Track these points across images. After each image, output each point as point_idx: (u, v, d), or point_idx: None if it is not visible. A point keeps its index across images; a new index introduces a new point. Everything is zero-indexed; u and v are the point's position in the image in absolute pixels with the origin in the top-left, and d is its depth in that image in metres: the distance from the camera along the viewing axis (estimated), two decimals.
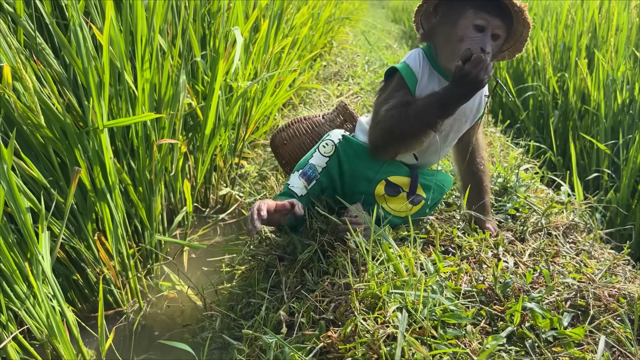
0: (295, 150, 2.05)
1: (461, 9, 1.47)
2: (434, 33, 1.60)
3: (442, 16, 1.56)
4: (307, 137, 2.02)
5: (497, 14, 1.45)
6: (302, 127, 2.04)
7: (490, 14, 1.45)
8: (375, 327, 1.22)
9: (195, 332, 1.91)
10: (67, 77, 2.01)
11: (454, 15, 1.49)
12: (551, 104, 3.91)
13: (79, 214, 1.93)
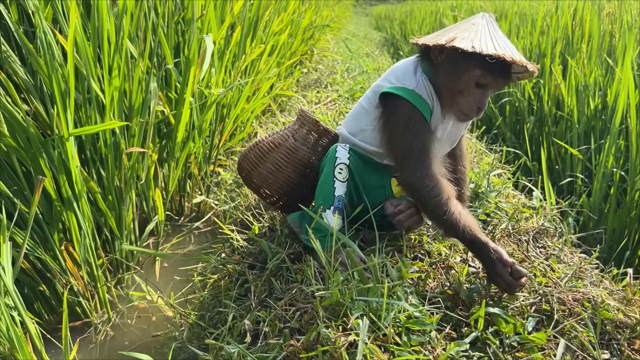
0: (269, 170, 1.89)
1: (468, 65, 1.43)
2: (436, 68, 1.54)
3: (448, 60, 1.50)
4: (277, 154, 1.87)
5: (501, 73, 1.43)
6: (265, 145, 1.91)
7: (496, 75, 1.43)
8: (337, 334, 1.20)
9: (165, 343, 1.89)
10: (33, 84, 1.98)
11: (460, 69, 1.45)
12: (527, 110, 3.95)
13: (45, 224, 1.90)
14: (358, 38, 10.14)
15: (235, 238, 2.14)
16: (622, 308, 1.42)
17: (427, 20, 7.98)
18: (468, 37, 1.41)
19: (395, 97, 1.56)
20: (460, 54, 1.39)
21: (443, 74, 1.52)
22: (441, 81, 1.54)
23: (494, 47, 1.38)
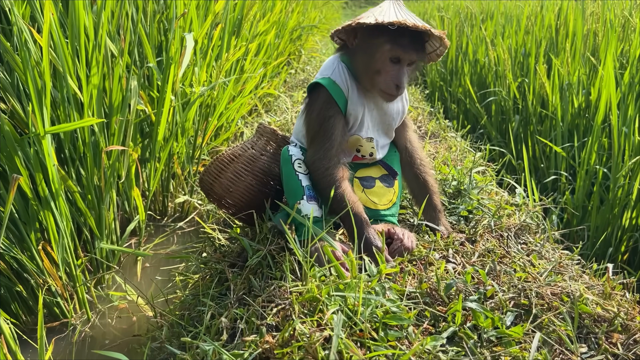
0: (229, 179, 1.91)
1: (378, 42, 1.50)
2: (353, 54, 1.61)
3: (360, 43, 1.57)
4: (237, 164, 1.90)
5: (412, 46, 1.49)
6: (225, 157, 1.95)
7: (406, 47, 1.48)
8: (312, 330, 1.19)
9: (144, 342, 1.86)
10: (10, 82, 1.96)
11: (371, 47, 1.52)
12: (512, 108, 3.97)
13: (22, 224, 1.87)
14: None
15: (217, 237, 2.12)
16: (601, 302, 1.41)
17: None
18: (372, 15, 1.49)
19: (315, 86, 1.65)
20: (369, 33, 1.49)
21: (359, 57, 1.58)
22: (359, 65, 1.59)
23: (395, 16, 1.45)
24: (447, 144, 3.04)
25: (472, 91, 4.35)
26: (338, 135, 1.61)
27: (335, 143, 1.61)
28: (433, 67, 5.81)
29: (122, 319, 2.07)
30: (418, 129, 3.28)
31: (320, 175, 1.59)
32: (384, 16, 1.45)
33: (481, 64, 4.70)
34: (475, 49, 4.87)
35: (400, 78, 1.51)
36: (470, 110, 4.63)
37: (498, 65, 4.29)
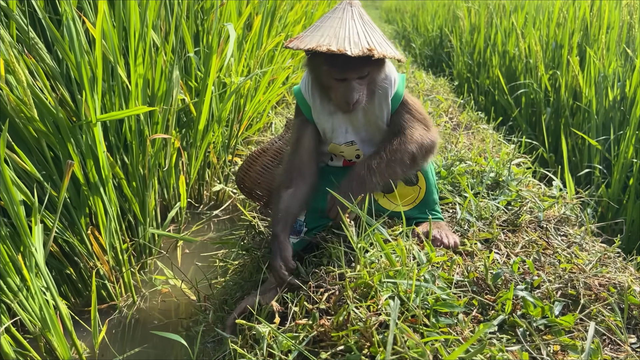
0: (258, 172, 2.05)
1: (317, 61, 1.48)
2: (309, 68, 1.59)
3: (308, 60, 1.55)
4: (265, 158, 2.03)
5: (350, 64, 1.42)
6: (255, 152, 2.05)
7: (342, 67, 1.43)
8: (368, 314, 1.22)
9: (189, 326, 1.92)
10: (60, 71, 2.01)
11: (316, 66, 1.51)
12: (543, 101, 3.94)
13: (73, 208, 1.93)
14: None
15: (257, 224, 2.16)
16: None
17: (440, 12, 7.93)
18: (307, 34, 1.45)
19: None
20: (310, 52, 1.44)
21: (312, 73, 1.59)
22: (314, 80, 1.60)
23: (317, 40, 1.39)
24: (480, 135, 3.04)
25: (503, 82, 4.32)
26: (305, 141, 1.68)
27: (301, 149, 1.68)
28: (460, 59, 5.78)
29: (166, 302, 2.13)
30: (449, 120, 3.28)
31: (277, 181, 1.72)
32: (310, 37, 1.41)
33: (510, 56, 4.67)
34: (505, 40, 4.82)
35: (348, 95, 1.47)
36: (499, 102, 4.60)
37: (529, 57, 4.26)
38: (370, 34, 1.44)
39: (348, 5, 1.48)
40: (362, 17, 1.49)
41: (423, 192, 1.79)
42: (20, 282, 1.63)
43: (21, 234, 1.55)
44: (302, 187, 1.70)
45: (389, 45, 1.47)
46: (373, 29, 1.48)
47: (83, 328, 1.93)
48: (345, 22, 1.44)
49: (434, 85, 4.42)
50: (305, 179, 1.71)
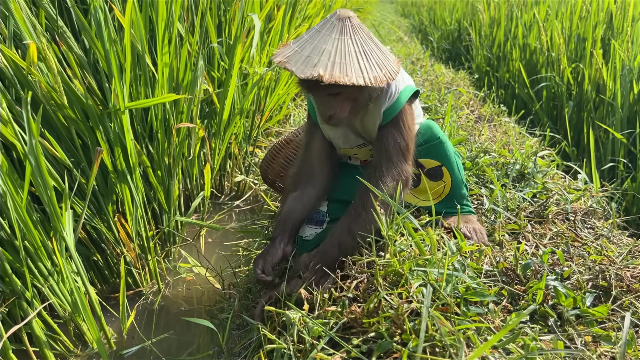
0: (281, 164, 2.10)
1: (295, 78, 1.54)
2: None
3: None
4: (288, 150, 2.07)
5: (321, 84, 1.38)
6: (278, 144, 2.08)
7: (314, 86, 1.42)
8: (400, 302, 1.22)
9: (214, 313, 1.93)
10: (87, 60, 2.03)
11: (297, 81, 1.50)
12: (565, 94, 3.89)
13: (100, 195, 1.95)
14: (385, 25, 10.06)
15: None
16: None
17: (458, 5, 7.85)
18: (286, 51, 1.43)
19: None
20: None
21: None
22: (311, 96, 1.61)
23: (286, 54, 1.40)
24: (502, 128, 3.01)
25: (525, 76, 4.28)
26: (315, 145, 1.70)
27: (311, 153, 1.71)
28: (479, 52, 5.73)
29: (190, 290, 2.15)
30: (471, 113, 3.26)
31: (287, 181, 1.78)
32: (286, 55, 1.41)
33: (532, 49, 4.61)
34: (526, 33, 4.77)
35: (328, 111, 1.47)
36: (519, 96, 4.56)
37: (551, 49, 4.21)
38: (346, 56, 1.38)
39: (337, 20, 1.42)
40: (351, 34, 1.41)
41: (448, 187, 1.77)
42: (51, 266, 1.66)
43: (53, 219, 1.57)
44: (310, 190, 1.70)
45: (372, 68, 1.39)
46: (359, 49, 1.40)
47: (110, 313, 1.96)
48: (324, 39, 1.39)
49: (454, 78, 4.39)
50: (314, 183, 1.70)
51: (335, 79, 1.34)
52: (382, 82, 1.39)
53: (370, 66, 1.40)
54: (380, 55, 1.45)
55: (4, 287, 1.59)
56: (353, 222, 1.51)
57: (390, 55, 1.50)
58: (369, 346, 1.21)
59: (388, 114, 1.58)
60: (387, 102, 1.57)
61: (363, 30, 1.45)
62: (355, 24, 1.43)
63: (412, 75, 4.24)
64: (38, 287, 1.65)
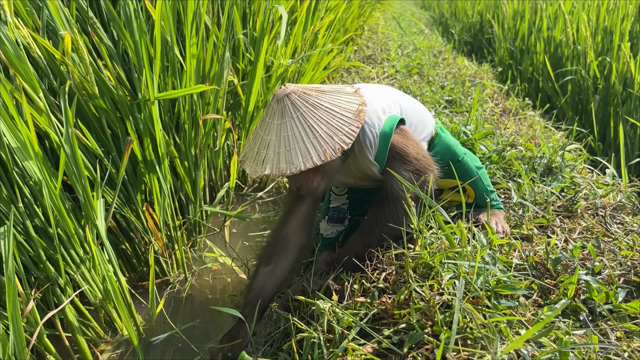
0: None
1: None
2: None
3: None
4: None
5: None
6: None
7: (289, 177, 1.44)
8: (431, 294, 1.23)
9: (240, 302, 1.95)
10: (116, 51, 2.05)
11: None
12: (591, 88, 3.83)
13: (130, 185, 1.98)
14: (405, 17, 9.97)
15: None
16: None
17: None
18: (246, 148, 1.46)
19: None
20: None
21: None
22: None
23: (245, 157, 1.42)
24: (528, 122, 2.98)
25: (550, 69, 4.22)
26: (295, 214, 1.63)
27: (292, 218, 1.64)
28: (502, 45, 5.65)
29: (216, 279, 2.17)
30: (495, 106, 3.22)
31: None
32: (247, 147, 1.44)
33: (557, 42, 4.54)
34: (552, 26, 4.70)
35: (294, 184, 1.46)
36: (543, 89, 4.50)
37: (577, 42, 4.14)
38: (290, 141, 1.35)
39: (276, 103, 1.38)
40: (291, 114, 1.37)
41: (472, 198, 1.78)
42: (83, 254, 1.69)
43: (86, 208, 1.60)
44: (283, 263, 1.61)
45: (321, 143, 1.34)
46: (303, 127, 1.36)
47: (138, 301, 1.99)
48: (268, 129, 1.38)
49: (477, 71, 4.35)
50: (287, 255, 1.62)
51: (281, 172, 1.31)
52: (337, 152, 1.33)
53: (318, 141, 1.34)
54: (331, 121, 1.37)
55: (38, 274, 1.62)
56: (367, 237, 1.54)
57: (348, 107, 1.41)
58: (400, 337, 1.22)
59: (381, 158, 1.53)
60: (372, 150, 1.52)
61: (306, 101, 1.37)
62: (295, 100, 1.36)
63: (435, 67, 4.21)
64: (70, 275, 1.68)
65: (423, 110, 1.80)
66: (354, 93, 1.49)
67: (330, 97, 1.43)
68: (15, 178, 1.53)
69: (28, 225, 1.56)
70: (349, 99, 1.45)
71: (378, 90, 1.66)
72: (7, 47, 1.42)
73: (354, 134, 1.36)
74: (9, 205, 1.51)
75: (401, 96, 1.72)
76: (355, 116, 1.39)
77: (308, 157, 1.32)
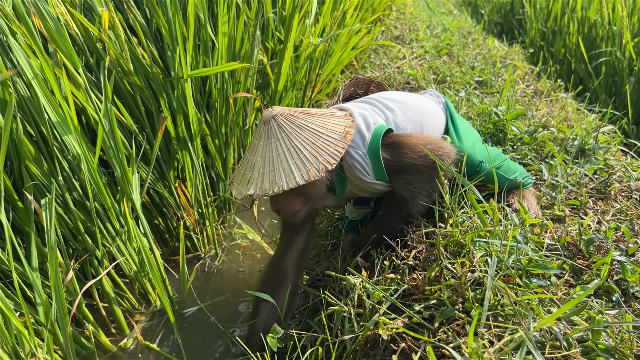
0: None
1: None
2: None
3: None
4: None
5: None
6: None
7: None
8: (463, 271, 1.23)
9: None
10: (148, 29, 2.08)
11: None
12: (626, 70, 3.73)
13: (163, 161, 2.02)
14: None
15: None
16: None
17: None
18: (235, 171, 1.47)
19: None
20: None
21: None
22: None
23: (234, 179, 1.43)
24: (560, 104, 2.93)
25: (584, 50, 4.12)
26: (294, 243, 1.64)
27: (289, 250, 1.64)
28: (534, 26, 5.53)
29: (246, 255, 2.21)
30: (527, 88, 3.17)
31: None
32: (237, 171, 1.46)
33: (591, 22, 4.42)
34: (586, 6, 4.57)
35: (274, 205, 1.46)
36: (575, 71, 4.40)
37: (612, 23, 4.02)
38: (274, 161, 1.35)
39: (263, 125, 1.38)
40: (277, 135, 1.37)
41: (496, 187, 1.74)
42: (119, 227, 1.73)
43: (122, 182, 1.64)
44: (282, 296, 1.59)
45: (305, 163, 1.33)
46: (287, 148, 1.35)
47: (170, 274, 2.04)
48: (254, 150, 1.38)
49: (508, 52, 4.27)
50: (285, 285, 1.60)
51: (264, 191, 1.32)
52: (320, 172, 1.32)
53: (302, 162, 1.34)
54: (316, 142, 1.36)
55: (76, 245, 1.68)
56: (388, 220, 1.55)
57: (335, 128, 1.38)
58: (431, 313, 1.23)
59: (381, 175, 1.48)
60: (368, 171, 1.47)
61: (292, 122, 1.37)
62: (281, 121, 1.36)
63: (464, 48, 4.14)
64: (106, 247, 1.74)
65: (426, 111, 1.68)
66: (343, 116, 1.48)
67: (318, 120, 1.42)
68: (55, 152, 1.58)
69: (67, 198, 1.61)
70: (337, 121, 1.44)
71: (365, 105, 1.61)
72: (48, 22, 1.45)
73: (339, 154, 1.35)
74: (50, 178, 1.56)
75: (395, 103, 1.63)
76: (342, 137, 1.38)
77: (291, 176, 1.32)
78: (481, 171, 1.62)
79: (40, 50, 1.42)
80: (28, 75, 1.41)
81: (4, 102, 1.40)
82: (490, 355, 1.00)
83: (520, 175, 1.75)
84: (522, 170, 1.80)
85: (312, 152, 1.34)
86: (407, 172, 1.46)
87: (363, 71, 3.99)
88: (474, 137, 1.75)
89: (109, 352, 1.72)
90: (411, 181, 1.47)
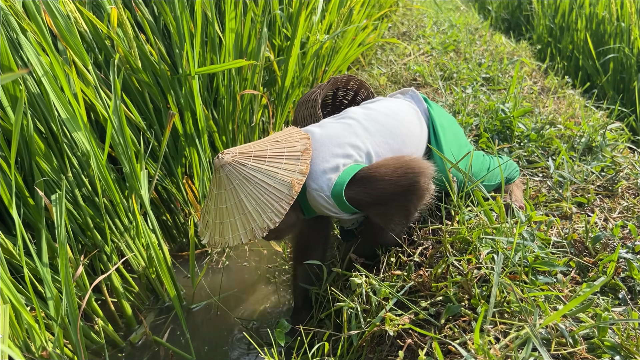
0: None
1: None
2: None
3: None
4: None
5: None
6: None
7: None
8: (469, 268, 1.24)
9: (275, 274, 2.00)
10: (156, 27, 2.09)
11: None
12: (635, 67, 3.71)
13: (170, 158, 2.03)
14: None
15: None
16: None
17: None
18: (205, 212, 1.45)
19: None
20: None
21: None
22: None
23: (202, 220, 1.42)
24: (567, 101, 2.92)
25: (592, 47, 4.10)
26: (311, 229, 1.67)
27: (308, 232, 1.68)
28: (541, 22, 5.50)
29: (253, 251, 2.23)
30: (534, 84, 3.16)
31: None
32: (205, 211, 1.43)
33: (599, 18, 4.40)
34: (594, 2, 4.55)
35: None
36: (583, 68, 4.37)
37: (621, 19, 4.00)
38: (223, 214, 1.34)
39: (216, 171, 1.35)
40: (226, 186, 1.34)
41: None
42: (127, 222, 1.75)
43: (130, 178, 1.66)
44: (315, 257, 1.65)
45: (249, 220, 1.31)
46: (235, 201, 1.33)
47: (177, 270, 2.06)
48: (211, 196, 1.37)
49: (515, 48, 4.26)
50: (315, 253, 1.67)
51: (214, 243, 1.34)
52: (263, 232, 1.29)
53: (247, 218, 1.31)
54: (262, 196, 1.32)
55: (86, 241, 1.70)
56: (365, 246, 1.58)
57: (283, 178, 1.33)
58: (437, 309, 1.24)
59: (350, 210, 1.45)
60: (336, 209, 1.44)
61: (239, 173, 1.33)
62: (229, 172, 1.32)
63: (471, 45, 4.13)
64: (115, 242, 1.75)
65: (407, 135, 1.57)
66: (301, 155, 1.39)
67: (269, 165, 1.36)
68: (64, 149, 1.59)
69: (77, 194, 1.63)
70: (289, 165, 1.37)
71: (343, 128, 1.51)
72: (58, 20, 1.47)
73: (283, 211, 1.30)
74: (60, 174, 1.58)
75: (376, 125, 1.54)
76: (289, 190, 1.32)
77: (237, 233, 1.32)
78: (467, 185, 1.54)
79: (50, 47, 1.43)
80: (38, 72, 1.42)
81: (15, 99, 1.41)
82: (496, 352, 1.01)
83: (506, 171, 1.73)
84: (508, 164, 1.76)
85: (256, 209, 1.31)
86: (380, 203, 1.42)
87: (370, 67, 3.99)
88: (460, 144, 1.67)
89: (118, 346, 1.74)
90: (385, 210, 1.44)
